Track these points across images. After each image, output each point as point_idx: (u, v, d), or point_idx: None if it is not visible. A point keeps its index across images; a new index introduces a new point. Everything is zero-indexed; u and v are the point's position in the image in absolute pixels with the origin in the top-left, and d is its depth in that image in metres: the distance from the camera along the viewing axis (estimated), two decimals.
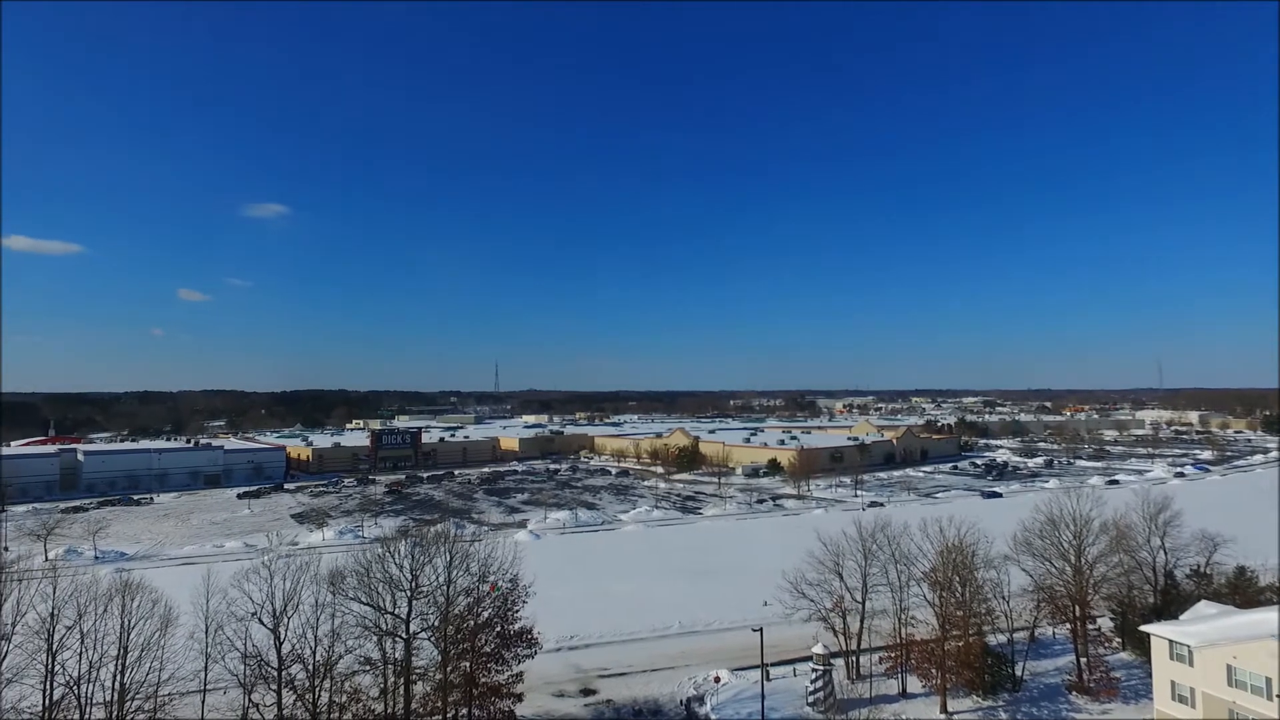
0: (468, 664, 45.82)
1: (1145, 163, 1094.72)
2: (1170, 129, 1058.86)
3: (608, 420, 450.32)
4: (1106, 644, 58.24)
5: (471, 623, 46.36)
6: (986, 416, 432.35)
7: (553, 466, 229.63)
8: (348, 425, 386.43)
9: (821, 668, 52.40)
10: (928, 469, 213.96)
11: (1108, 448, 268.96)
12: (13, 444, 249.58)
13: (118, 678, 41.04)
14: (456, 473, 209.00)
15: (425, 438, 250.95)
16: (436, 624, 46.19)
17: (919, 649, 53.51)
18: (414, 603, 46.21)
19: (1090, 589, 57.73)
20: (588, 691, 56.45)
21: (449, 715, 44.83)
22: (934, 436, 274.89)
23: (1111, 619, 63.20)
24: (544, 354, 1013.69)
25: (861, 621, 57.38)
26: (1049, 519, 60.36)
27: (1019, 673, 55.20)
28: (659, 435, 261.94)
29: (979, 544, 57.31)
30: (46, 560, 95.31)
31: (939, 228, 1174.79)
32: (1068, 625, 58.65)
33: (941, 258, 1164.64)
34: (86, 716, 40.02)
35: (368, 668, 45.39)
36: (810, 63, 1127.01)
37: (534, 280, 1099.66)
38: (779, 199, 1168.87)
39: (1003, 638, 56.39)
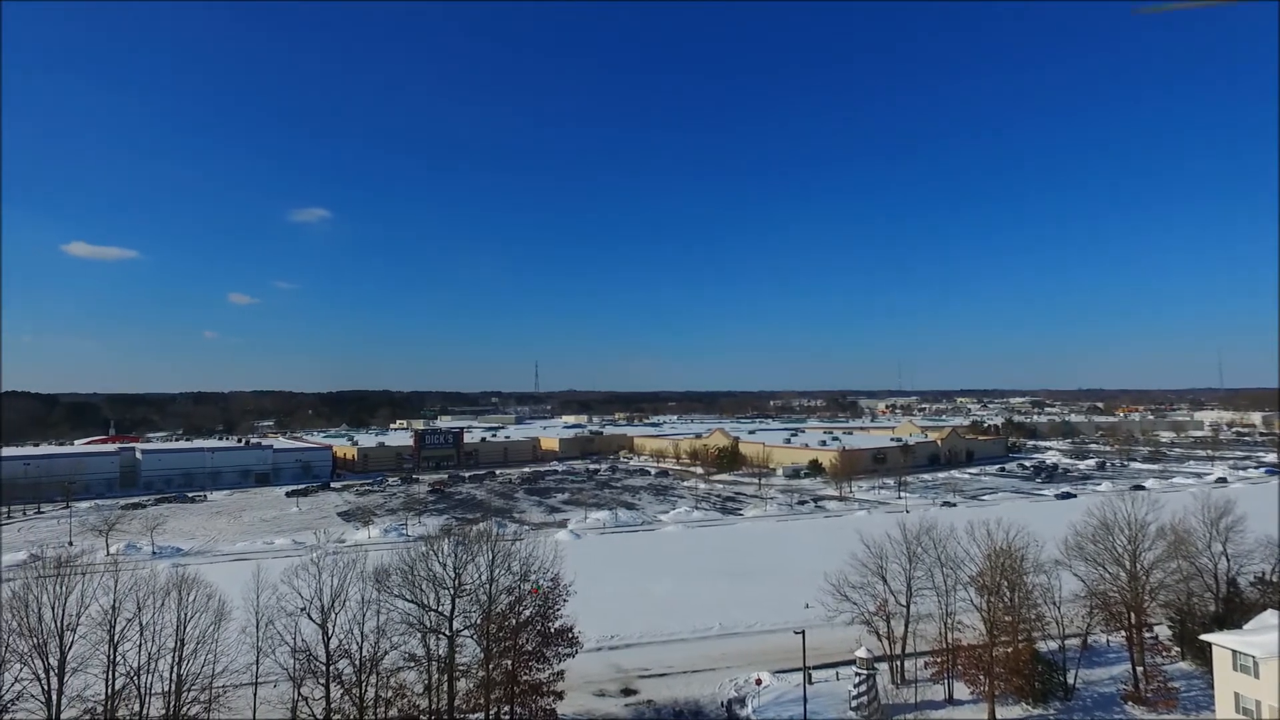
0: (509, 662, 46.21)
1: (1202, 154, 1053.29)
2: (1237, 119, 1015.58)
3: (647, 421, 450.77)
4: (1164, 653, 56.26)
5: (513, 621, 46.77)
6: (1035, 417, 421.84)
7: (592, 466, 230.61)
8: (392, 425, 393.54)
9: (865, 672, 51.58)
10: (973, 470, 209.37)
11: (1164, 449, 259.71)
12: (76, 442, 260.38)
13: (175, 669, 42.46)
14: (498, 472, 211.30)
15: (467, 438, 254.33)
16: (479, 622, 46.71)
17: (966, 654, 52.33)
18: (457, 601, 46.80)
19: (1146, 596, 55.83)
20: (628, 691, 56.50)
21: (491, 712, 45.28)
22: (980, 437, 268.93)
23: (1169, 627, 60.90)
24: (584, 354, 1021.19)
25: (906, 625, 56.35)
26: (1102, 523, 58.51)
27: (1071, 681, 53.59)
28: (698, 436, 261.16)
29: (1028, 548, 55.80)
30: (108, 555, 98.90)
31: (984, 222, 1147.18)
32: (1122, 633, 56.77)
33: (988, 253, 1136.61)
34: (146, 706, 41.44)
35: (412, 664, 46.07)
36: (853, 57, 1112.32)
37: (573, 280, 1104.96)
38: (819, 195, 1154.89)
39: (1054, 644, 54.85)
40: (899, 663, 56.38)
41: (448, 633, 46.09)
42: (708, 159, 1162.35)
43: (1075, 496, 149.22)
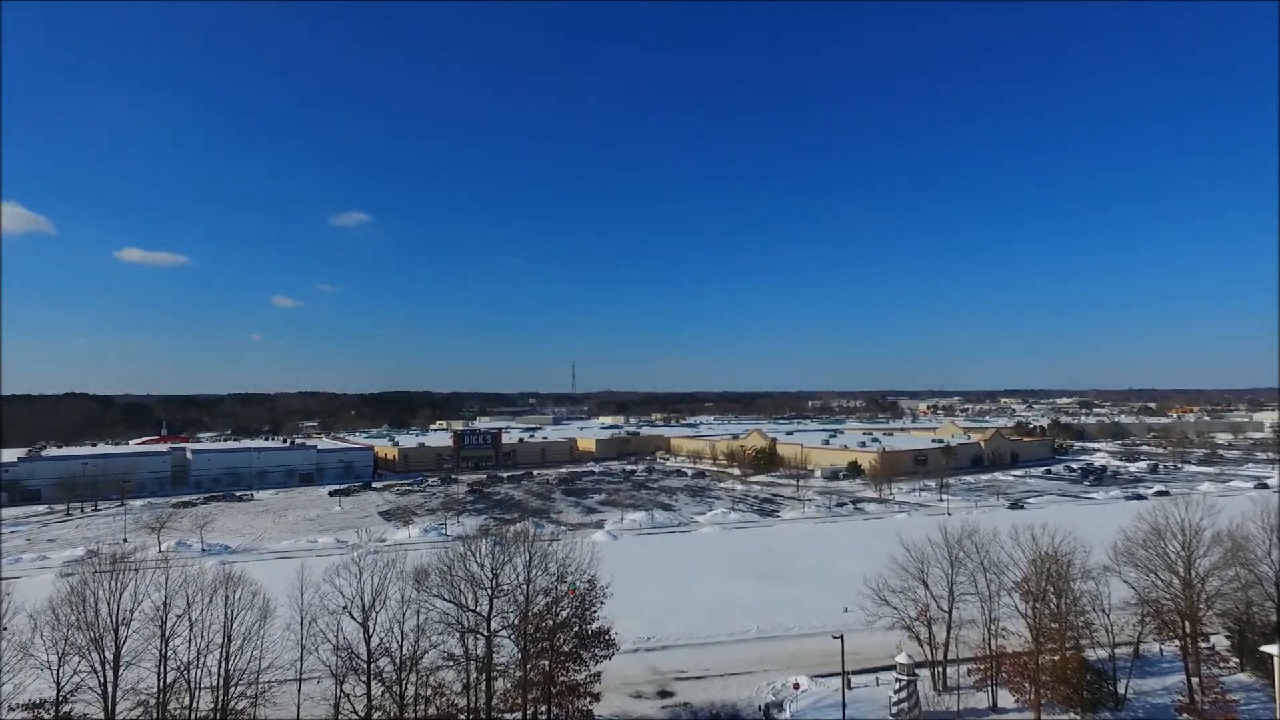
0: (547, 662, 46.49)
1: (1253, 147, 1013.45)
2: None
3: (684, 421, 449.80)
4: (1222, 664, 54.17)
5: (550, 622, 47.03)
6: (1083, 418, 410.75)
7: (629, 467, 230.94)
8: (431, 426, 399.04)
9: (906, 678, 50.64)
10: (1018, 473, 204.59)
11: (1220, 452, 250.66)
12: (131, 442, 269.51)
13: (222, 665, 43.66)
14: (535, 473, 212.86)
15: (505, 438, 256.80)
16: (516, 622, 47.07)
17: (1011, 661, 51.06)
18: (494, 601, 47.21)
19: (1202, 604, 53.82)
20: (665, 694, 56.39)
21: (528, 712, 45.59)
22: (1025, 439, 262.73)
23: (1227, 637, 58.70)
24: (620, 355, 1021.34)
25: (948, 631, 55.24)
26: (1153, 528, 56.64)
27: (1122, 691, 51.98)
28: (735, 436, 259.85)
29: (1075, 553, 54.27)
30: (160, 551, 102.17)
31: (1030, 215, 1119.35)
32: (1176, 642, 54.83)
33: (1035, 249, 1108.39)
34: (196, 700, 42.70)
35: (451, 663, 46.59)
36: (894, 43, 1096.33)
37: (610, 280, 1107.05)
38: (859, 188, 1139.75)
39: (1103, 653, 53.21)
40: (941, 669, 55.30)
41: (485, 633, 46.53)
42: (746, 152, 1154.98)
43: (1145, 498, 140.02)
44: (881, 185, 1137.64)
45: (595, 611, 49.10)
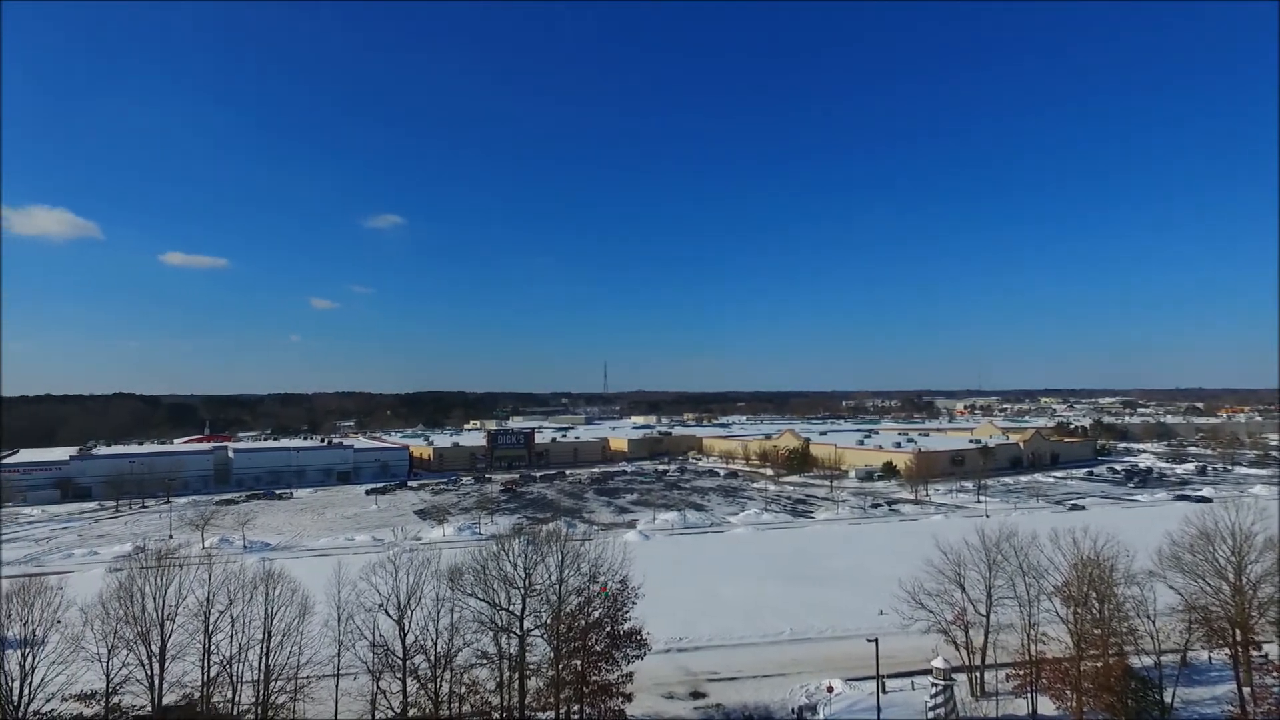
0: (579, 662, 46.69)
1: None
2: None
3: (716, 421, 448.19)
4: (1277, 673, 52.35)
5: (582, 622, 47.22)
6: (1126, 418, 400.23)
7: (661, 467, 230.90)
8: (465, 425, 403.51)
9: (942, 682, 49.87)
10: (1059, 474, 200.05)
11: (1274, 453, 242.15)
12: (176, 441, 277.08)
13: (263, 660, 44.69)
14: (568, 472, 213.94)
15: (538, 438, 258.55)
16: (549, 622, 47.37)
17: (1051, 667, 49.94)
18: (527, 600, 47.58)
19: (1253, 611, 52.05)
20: (697, 695, 56.28)
21: (561, 711, 45.85)
22: (1066, 439, 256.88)
23: None
24: (652, 355, 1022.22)
25: (986, 636, 54.20)
26: (1201, 532, 54.93)
27: (1169, 700, 50.50)
28: (768, 437, 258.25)
29: (1118, 557, 52.86)
30: (203, 548, 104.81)
31: (1069, 208, 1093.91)
32: (1226, 650, 53.12)
33: (1074, 243, 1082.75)
34: (238, 694, 43.79)
35: (484, 661, 47.08)
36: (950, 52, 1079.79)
37: (641, 278, 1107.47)
38: (891, 183, 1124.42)
39: (1148, 660, 51.78)
40: (978, 674, 54.31)
41: (518, 632, 46.91)
42: (776, 149, 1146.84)
43: (1210, 500, 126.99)
44: (917, 181, 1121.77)
45: (627, 611, 49.16)
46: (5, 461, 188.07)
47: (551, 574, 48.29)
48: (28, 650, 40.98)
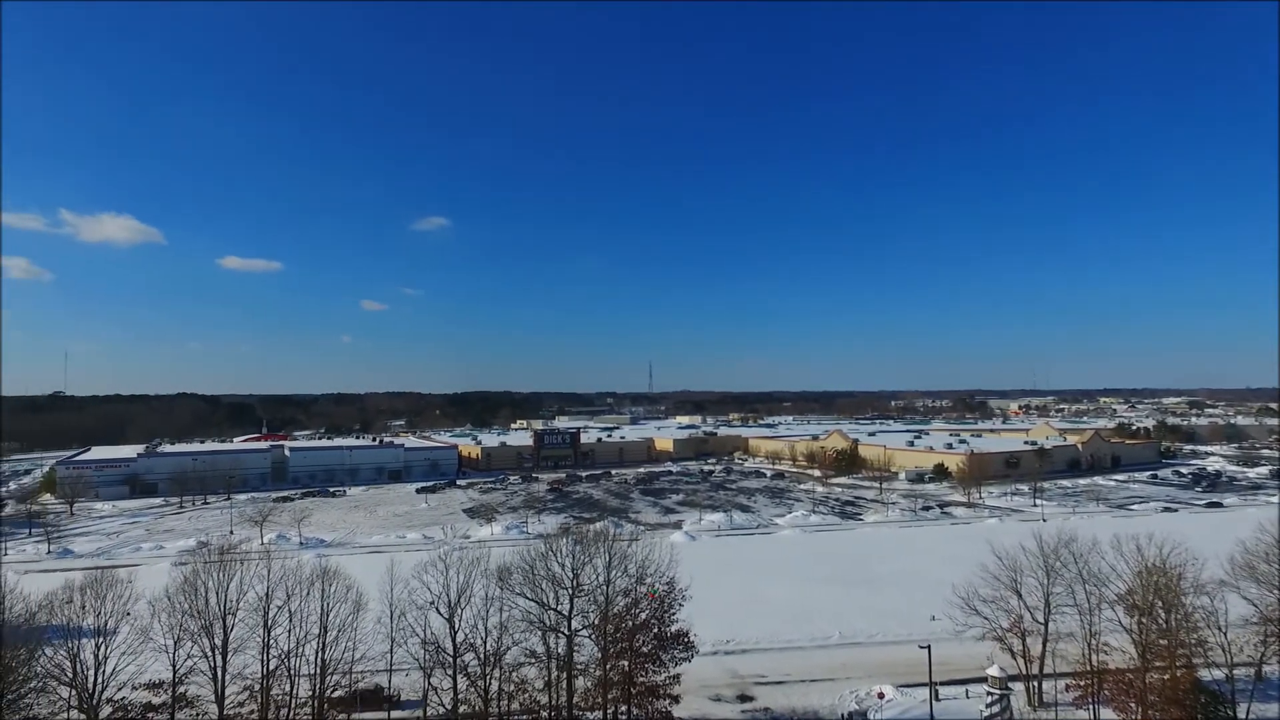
0: (626, 663, 46.78)
1: None
2: None
3: (762, 421, 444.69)
4: None
5: (630, 623, 47.31)
6: (1193, 419, 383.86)
7: (707, 468, 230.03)
8: (512, 425, 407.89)
9: (998, 691, 48.66)
10: (1120, 477, 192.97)
11: None
12: (235, 440, 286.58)
13: (319, 654, 45.92)
14: (613, 472, 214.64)
15: (583, 438, 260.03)
16: (596, 622, 47.60)
17: (1114, 679, 48.12)
18: (575, 600, 47.90)
19: None
20: (744, 698, 55.89)
21: (609, 711, 46.01)
22: (1127, 441, 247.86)
23: None
24: (697, 354, 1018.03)
25: (1044, 644, 52.58)
26: (1277, 540, 52.34)
27: (1241, 715, 48.22)
28: (815, 437, 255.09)
29: (1186, 565, 50.70)
30: (262, 544, 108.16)
31: (1131, 198, 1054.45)
32: None
33: (1135, 237, 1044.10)
34: (295, 687, 45.07)
35: (532, 660, 47.56)
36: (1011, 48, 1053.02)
37: (685, 277, 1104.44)
38: (938, 184, 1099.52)
39: (1219, 673, 49.53)
40: (1036, 684, 52.72)
41: (566, 631, 47.24)
42: (825, 144, 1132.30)
43: None
44: (972, 176, 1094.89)
45: (674, 613, 49.08)
46: (79, 459, 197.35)
47: (599, 574, 48.52)
48: (101, 640, 42.90)
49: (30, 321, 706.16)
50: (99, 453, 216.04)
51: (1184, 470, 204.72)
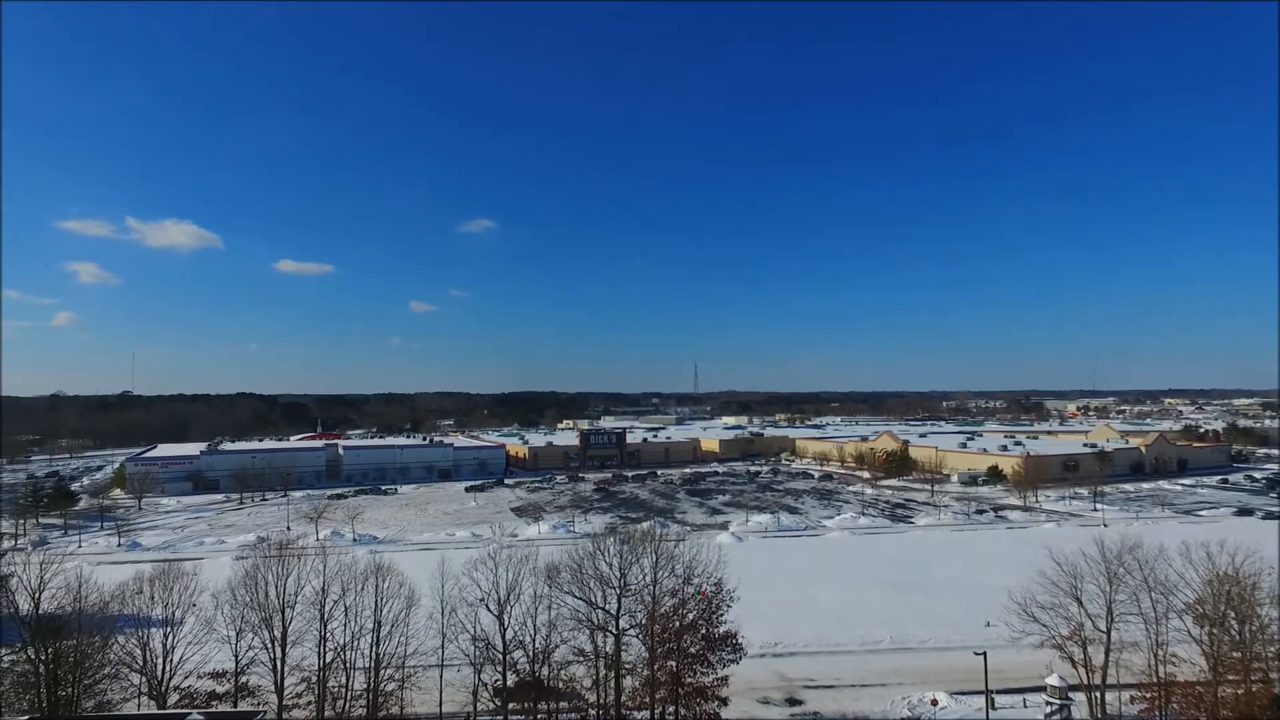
0: (674, 663, 46.72)
1: None
2: None
3: (809, 422, 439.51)
4: None
5: (677, 623, 47.24)
6: (1267, 421, 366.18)
7: (753, 468, 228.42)
8: (558, 425, 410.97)
9: (1058, 701, 47.12)
10: (1187, 481, 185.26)
11: None
12: (291, 438, 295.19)
13: (374, 648, 46.95)
14: (659, 472, 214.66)
15: (629, 438, 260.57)
16: (643, 622, 47.65)
17: (1183, 692, 46.18)
18: (622, 600, 48.04)
19: None
20: (793, 701, 55.29)
21: (656, 711, 46.02)
22: (1194, 444, 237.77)
23: None
24: (742, 354, 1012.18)
25: (1106, 654, 50.71)
26: None
27: None
28: (864, 438, 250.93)
29: (1261, 574, 48.33)
30: (317, 540, 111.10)
31: (1194, 190, 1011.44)
32: None
33: (1200, 230, 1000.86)
34: (350, 680, 46.22)
35: (580, 659, 47.86)
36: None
37: (731, 276, 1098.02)
38: (991, 179, 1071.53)
39: None
40: (1098, 694, 50.86)
41: (614, 631, 47.41)
42: (865, 145, 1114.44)
43: None
44: (1028, 170, 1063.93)
45: (722, 614, 48.83)
46: (146, 456, 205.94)
47: (646, 574, 48.56)
48: (168, 630, 44.67)
49: (100, 325, 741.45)
50: (164, 450, 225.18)
51: (1257, 475, 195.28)
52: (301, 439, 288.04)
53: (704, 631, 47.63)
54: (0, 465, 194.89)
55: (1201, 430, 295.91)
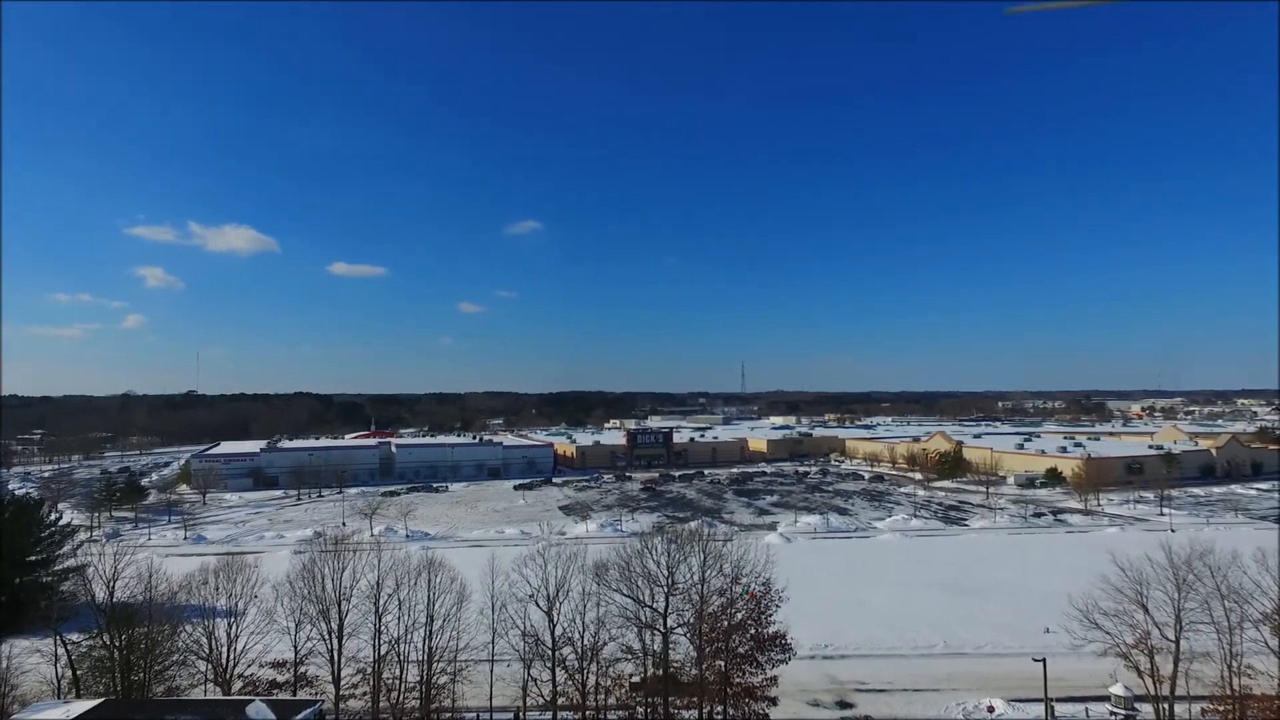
0: (722, 663, 46.52)
1: None
2: None
3: (859, 422, 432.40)
4: None
5: (725, 623, 47.02)
6: None
7: (802, 469, 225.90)
8: (606, 425, 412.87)
9: (1122, 711, 45.51)
10: (1262, 486, 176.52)
11: None
12: (346, 437, 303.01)
13: (426, 642, 47.90)
14: (706, 472, 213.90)
15: (676, 437, 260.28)
16: (691, 621, 47.57)
17: (1260, 705, 44.02)
18: (670, 598, 48.03)
19: None
20: (844, 704, 54.53)
21: (704, 711, 45.87)
22: (1270, 446, 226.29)
23: None
24: (790, 353, 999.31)
25: (1175, 664, 48.64)
26: None
27: None
28: (916, 439, 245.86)
29: None
30: (372, 535, 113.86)
31: (1263, 186, 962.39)
32: None
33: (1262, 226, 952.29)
34: (404, 673, 47.28)
35: (629, 656, 48.01)
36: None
37: (780, 275, 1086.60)
38: (1050, 171, 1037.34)
39: None
40: (1166, 705, 48.81)
41: (662, 629, 47.43)
42: (917, 138, 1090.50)
43: None
44: (1090, 163, 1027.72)
45: (771, 615, 48.41)
46: (210, 453, 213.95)
47: (694, 573, 48.46)
48: (232, 620, 46.33)
49: (165, 326, 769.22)
50: (227, 447, 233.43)
51: None
52: (356, 437, 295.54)
53: (753, 631, 47.31)
54: (7, 472, 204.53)
55: (1278, 432, 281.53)
